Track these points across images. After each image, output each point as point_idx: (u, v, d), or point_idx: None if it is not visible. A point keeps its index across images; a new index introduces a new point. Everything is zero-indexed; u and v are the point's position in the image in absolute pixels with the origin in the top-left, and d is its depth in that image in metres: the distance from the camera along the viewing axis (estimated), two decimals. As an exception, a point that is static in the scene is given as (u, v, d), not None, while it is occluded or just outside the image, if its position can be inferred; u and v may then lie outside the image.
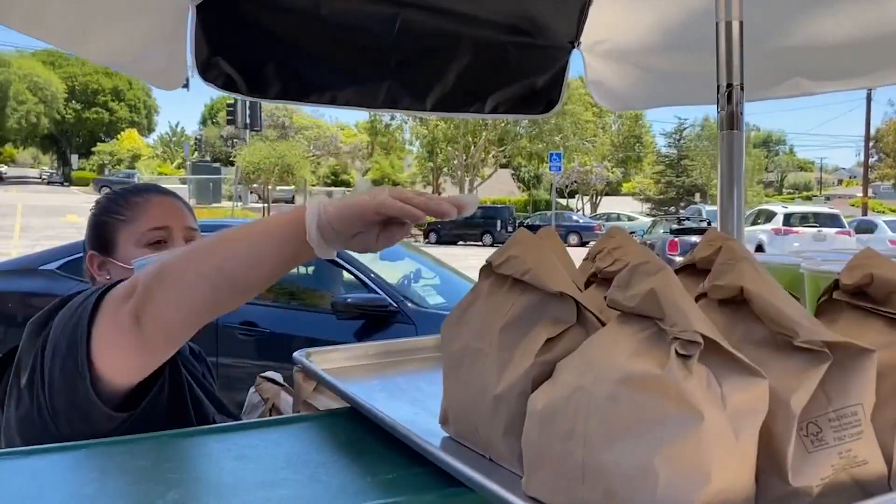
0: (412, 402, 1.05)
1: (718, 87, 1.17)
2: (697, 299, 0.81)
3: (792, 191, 69.25)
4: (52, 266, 5.13)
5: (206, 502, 0.75)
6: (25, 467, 0.81)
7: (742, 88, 1.17)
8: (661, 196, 43.63)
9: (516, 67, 2.04)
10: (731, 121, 1.17)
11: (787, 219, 18.42)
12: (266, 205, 30.62)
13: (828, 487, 0.67)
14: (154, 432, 0.90)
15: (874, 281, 0.80)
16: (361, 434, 0.95)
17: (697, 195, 41.25)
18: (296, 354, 1.18)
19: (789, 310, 0.71)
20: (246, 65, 1.69)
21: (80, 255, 4.87)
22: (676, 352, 0.63)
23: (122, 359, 1.02)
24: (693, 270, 1.05)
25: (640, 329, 0.69)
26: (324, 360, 1.20)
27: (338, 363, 1.21)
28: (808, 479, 0.66)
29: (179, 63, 1.60)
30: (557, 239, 1.07)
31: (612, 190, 49.54)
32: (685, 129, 44.38)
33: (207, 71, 1.66)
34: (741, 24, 1.15)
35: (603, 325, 0.78)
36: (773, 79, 1.94)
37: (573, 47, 2.09)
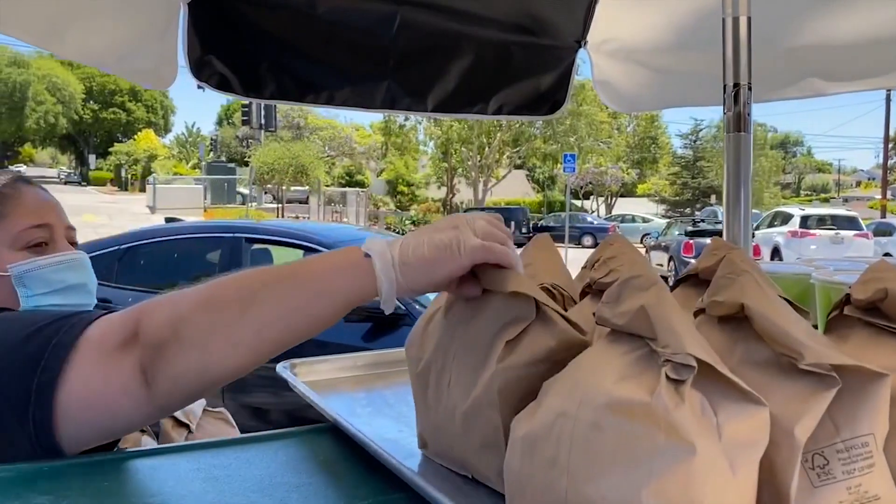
0: (398, 419, 0.99)
1: (725, 86, 1.11)
2: (696, 314, 0.76)
3: (809, 193, 68.60)
4: (63, 266, 5.13)
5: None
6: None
7: (750, 88, 1.11)
8: (677, 197, 43.33)
9: (520, 67, 1.99)
10: (739, 122, 1.11)
11: (804, 221, 18.21)
12: (280, 205, 30.69)
13: (835, 525, 0.61)
14: (118, 452, 0.85)
15: (888, 296, 0.74)
16: (342, 453, 0.90)
17: (713, 197, 40.91)
18: (279, 367, 1.13)
19: (794, 329, 0.65)
20: (240, 64, 1.65)
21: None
22: (667, 376, 0.58)
23: (107, 415, 0.78)
24: (696, 281, 0.99)
25: (630, 349, 0.63)
26: (310, 371, 1.15)
27: (325, 374, 1.16)
28: (814, 516, 0.60)
29: (170, 62, 1.56)
30: (551, 245, 1.02)
31: (628, 191, 49.28)
32: (701, 130, 44.06)
33: (200, 70, 1.62)
34: (749, 20, 1.09)
35: (569, 322, 0.73)
36: (786, 79, 1.87)
37: (579, 46, 2.03)
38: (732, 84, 1.10)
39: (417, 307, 4.57)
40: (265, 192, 33.55)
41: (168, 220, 5.86)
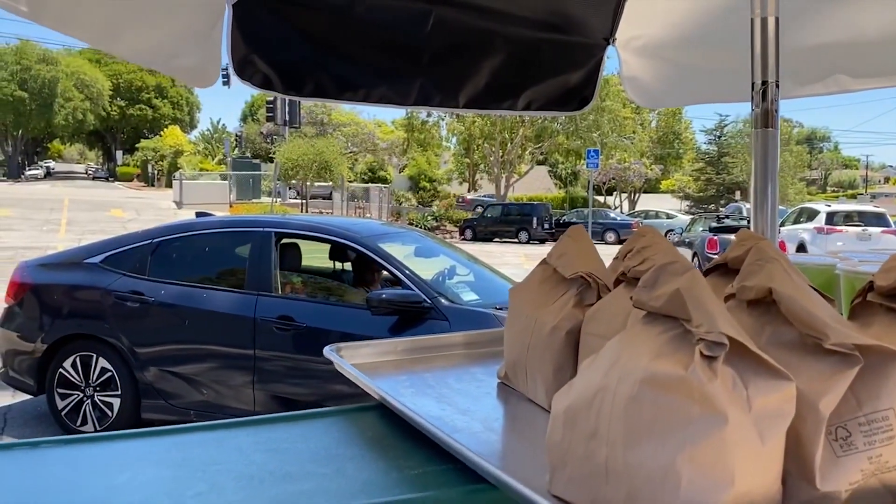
0: (439, 399, 1.05)
1: (753, 84, 1.15)
2: (726, 300, 0.80)
3: (836, 189, 67.67)
4: (96, 260, 5.25)
5: (232, 495, 0.76)
6: (62, 456, 0.84)
7: (777, 86, 1.15)
8: (701, 194, 42.97)
9: (550, 64, 2.03)
10: (766, 118, 1.15)
11: (831, 217, 17.99)
12: (304, 201, 30.91)
13: (857, 493, 0.65)
14: (187, 424, 0.92)
15: (910, 283, 0.78)
16: (389, 429, 0.96)
17: (738, 193, 40.53)
18: (326, 350, 1.19)
19: (819, 311, 0.70)
20: (281, 63, 1.71)
21: (123, 248, 4.95)
22: (701, 353, 0.63)
23: None
24: (725, 270, 1.04)
25: (666, 330, 0.69)
26: (354, 354, 1.21)
27: (368, 358, 1.22)
28: (837, 483, 0.65)
29: (214, 61, 1.63)
30: (585, 236, 1.07)
31: (651, 187, 48.93)
32: (726, 125, 43.65)
33: (243, 69, 1.69)
34: (777, 20, 1.13)
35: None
36: (813, 76, 1.90)
37: (608, 44, 2.07)
38: (761, 81, 1.15)
39: (444, 301, 4.63)
40: (289, 188, 33.80)
41: (199, 214, 5.95)
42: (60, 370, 5.17)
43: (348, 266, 5.89)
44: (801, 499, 0.65)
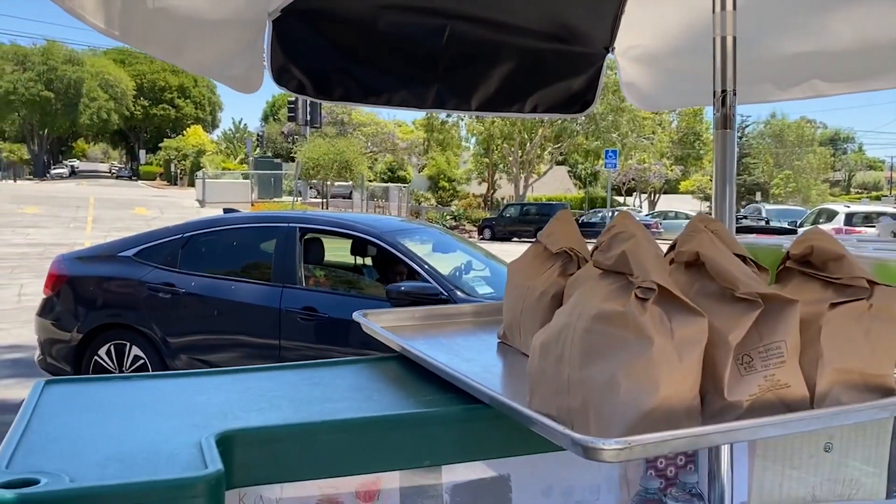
0: (448, 352, 1.27)
1: (714, 92, 1.37)
2: (671, 263, 1.02)
3: (860, 190, 67.00)
4: (129, 253, 5.54)
5: (286, 409, 0.99)
6: (151, 386, 1.07)
7: (735, 93, 1.35)
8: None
9: (554, 71, 2.25)
10: (725, 121, 1.36)
11: (849, 218, 18.01)
12: (324, 200, 31.26)
13: (756, 403, 0.87)
14: (245, 367, 1.15)
15: (814, 251, 1.00)
16: (407, 372, 1.19)
17: (758, 194, 40.43)
18: (355, 314, 1.42)
19: (734, 269, 0.91)
20: (314, 71, 1.94)
21: (155, 242, 5.21)
22: (636, 296, 0.85)
23: None
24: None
25: (614, 282, 0.91)
26: (378, 319, 1.44)
27: (389, 322, 1.45)
28: (740, 394, 0.86)
29: (257, 70, 1.86)
30: (570, 218, 1.29)
31: (671, 188, 48.83)
32: (747, 126, 43.51)
33: (281, 77, 1.92)
34: (734, 38, 1.34)
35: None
36: (792, 81, 2.10)
37: (607, 52, 2.29)
38: (721, 90, 1.35)
39: (460, 294, 4.86)
40: (310, 188, 34.18)
41: (226, 210, 6.24)
42: (95, 357, 5.46)
43: (369, 260, 6.14)
44: (715, 407, 0.87)
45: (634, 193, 45.59)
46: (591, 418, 0.86)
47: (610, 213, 28.92)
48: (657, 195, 45.59)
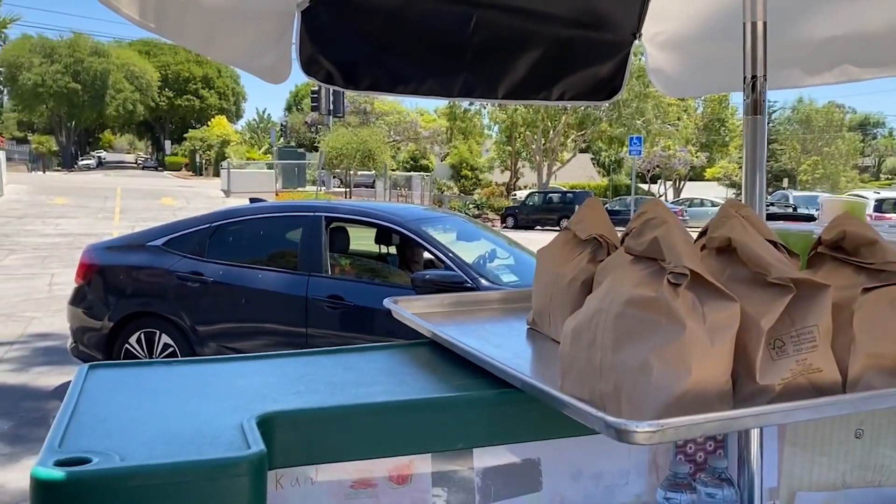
0: (478, 338, 1.29)
1: (744, 77, 1.36)
2: (702, 249, 1.03)
3: (890, 176, 65.80)
4: (158, 242, 5.62)
5: (323, 393, 1.02)
6: (191, 371, 1.10)
7: (765, 78, 1.35)
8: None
9: (581, 59, 2.24)
10: (755, 107, 1.35)
11: (879, 205, 17.73)
12: (348, 189, 31.38)
13: (788, 387, 0.88)
14: (282, 352, 1.18)
15: (847, 236, 1.00)
16: (438, 357, 1.21)
17: (786, 180, 39.89)
18: (386, 301, 1.44)
19: (766, 255, 0.92)
20: (342, 61, 1.96)
21: (184, 232, 5.29)
22: (668, 281, 0.86)
23: None
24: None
25: (646, 267, 0.92)
26: (409, 305, 1.45)
27: (419, 309, 1.46)
28: (772, 378, 0.87)
29: (285, 60, 1.88)
30: (599, 206, 1.30)
31: (696, 175, 48.31)
32: (774, 112, 42.91)
33: (310, 67, 1.94)
34: (765, 23, 1.33)
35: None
36: (822, 66, 2.08)
37: (634, 38, 2.28)
38: (751, 76, 1.35)
39: (484, 282, 4.88)
40: (333, 177, 34.32)
41: (252, 200, 6.30)
42: (126, 345, 5.56)
43: (393, 249, 6.18)
44: (746, 391, 0.88)
45: (659, 181, 45.18)
46: (623, 402, 0.87)
47: (633, 201, 28.72)
48: (682, 182, 45.15)
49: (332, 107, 30.05)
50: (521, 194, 35.45)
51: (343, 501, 1.13)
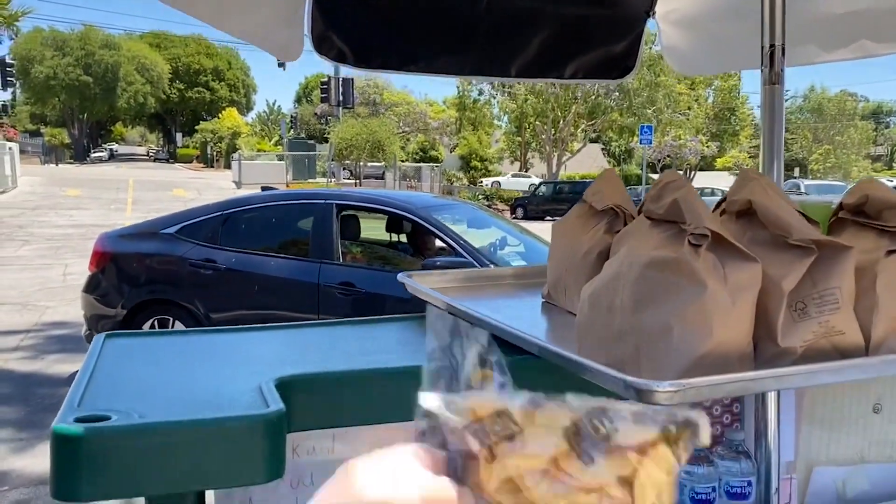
0: (493, 310, 1.28)
1: (762, 47, 1.34)
2: (721, 214, 1.02)
3: (904, 165, 65.13)
4: (171, 230, 5.63)
5: (341, 360, 1.01)
6: (214, 339, 1.10)
7: (783, 49, 1.33)
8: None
9: (594, 36, 2.22)
10: (773, 77, 1.34)
11: (894, 193, 17.56)
12: (357, 181, 31.38)
13: (810, 350, 0.87)
14: (300, 322, 1.18)
15: (869, 200, 0.98)
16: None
17: (797, 170, 39.57)
18: (400, 276, 1.44)
19: (788, 217, 0.91)
20: (354, 39, 1.95)
21: (196, 219, 5.29)
22: (689, 242, 0.85)
23: None
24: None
25: (665, 230, 0.91)
26: (422, 280, 1.45)
27: (433, 284, 1.46)
28: (794, 341, 0.86)
29: (298, 38, 1.88)
30: (615, 177, 1.29)
31: (707, 164, 48.00)
32: (786, 100, 42.44)
33: (321, 45, 1.93)
34: (783, -9, 1.32)
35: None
36: (839, 42, 2.06)
37: (648, 16, 2.26)
38: (769, 45, 1.33)
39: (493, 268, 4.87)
40: (343, 169, 34.33)
41: (264, 188, 6.31)
42: (140, 332, 5.59)
43: (404, 236, 6.18)
44: (768, 353, 0.87)
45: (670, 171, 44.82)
46: (642, 365, 0.86)
47: (644, 191, 28.53)
48: (693, 172, 44.85)
49: (341, 98, 30.01)
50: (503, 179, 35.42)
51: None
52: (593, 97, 32.94)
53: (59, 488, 0.67)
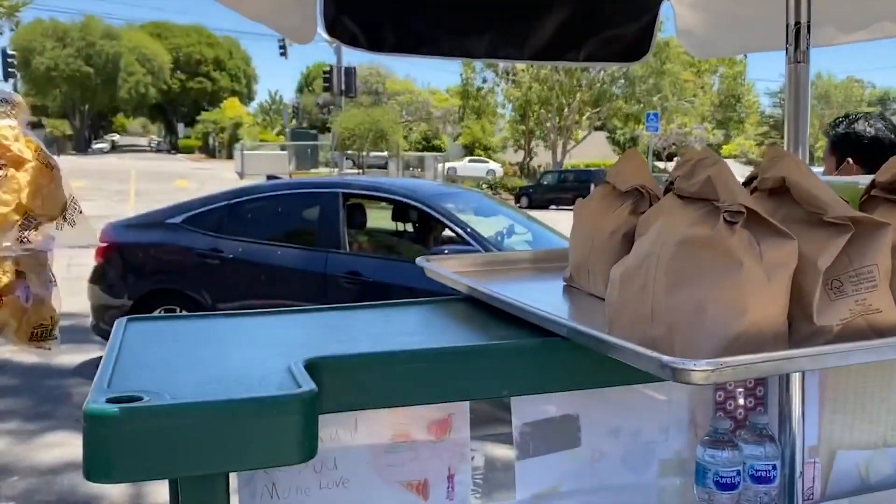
0: (514, 294, 1.27)
1: (787, 25, 1.32)
2: (752, 192, 1.00)
3: (909, 152, 64.69)
4: (177, 220, 5.63)
5: (365, 343, 1.00)
6: (236, 323, 1.09)
7: (809, 26, 1.31)
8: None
9: (608, 19, 2.20)
10: (798, 55, 1.32)
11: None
12: (360, 171, 31.34)
13: (846, 329, 0.85)
14: (323, 306, 1.17)
15: (904, 176, 0.96)
16: (476, 311, 1.19)
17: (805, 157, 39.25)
18: (418, 260, 1.42)
19: (822, 194, 0.89)
20: (366, 22, 1.93)
21: (202, 209, 5.29)
22: (724, 219, 0.83)
23: None
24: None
25: (699, 208, 0.89)
26: (441, 265, 1.43)
27: (453, 267, 1.45)
28: (830, 319, 0.85)
29: (311, 21, 1.86)
30: (638, 157, 1.27)
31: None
32: (791, 87, 42.21)
33: (334, 28, 1.91)
34: (809, -32, 1.30)
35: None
36: (858, 23, 2.03)
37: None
38: (794, 22, 1.31)
39: (503, 255, 4.85)
40: (346, 158, 34.30)
41: (269, 177, 6.30)
42: (147, 322, 5.59)
43: (410, 225, 6.17)
44: (803, 332, 0.86)
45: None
46: (676, 345, 0.85)
47: (649, 179, 28.36)
48: (697, 160, 44.64)
49: (344, 87, 29.93)
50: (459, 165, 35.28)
51: (382, 455, 1.12)
52: (598, 85, 32.82)
53: (92, 469, 0.66)
